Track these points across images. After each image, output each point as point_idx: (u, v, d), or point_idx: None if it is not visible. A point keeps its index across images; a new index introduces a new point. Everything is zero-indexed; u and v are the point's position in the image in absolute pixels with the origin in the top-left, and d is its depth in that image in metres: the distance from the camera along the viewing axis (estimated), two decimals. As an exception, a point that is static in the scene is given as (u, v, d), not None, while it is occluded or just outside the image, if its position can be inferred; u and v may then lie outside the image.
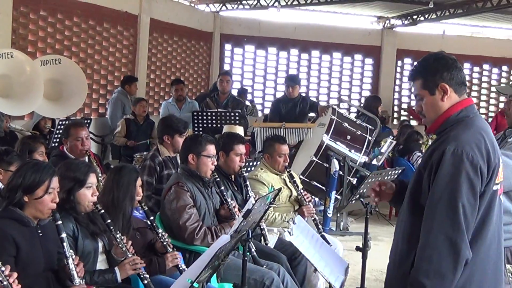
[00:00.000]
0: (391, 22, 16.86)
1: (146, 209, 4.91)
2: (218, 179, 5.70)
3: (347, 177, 7.16)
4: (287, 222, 6.10)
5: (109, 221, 4.38)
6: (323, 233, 6.14)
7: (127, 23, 12.84)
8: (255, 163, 7.18)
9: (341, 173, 7.13)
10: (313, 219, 6.39)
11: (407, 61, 17.52)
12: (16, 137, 8.60)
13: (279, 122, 9.24)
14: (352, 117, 8.81)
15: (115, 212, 4.61)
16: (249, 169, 6.91)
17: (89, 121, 9.26)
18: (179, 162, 5.98)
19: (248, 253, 4.20)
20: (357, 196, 6.40)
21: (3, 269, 3.27)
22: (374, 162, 9.02)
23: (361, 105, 13.46)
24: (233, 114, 9.06)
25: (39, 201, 3.83)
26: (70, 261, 3.79)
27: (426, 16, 15.56)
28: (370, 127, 8.06)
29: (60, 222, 3.86)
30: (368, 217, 6.07)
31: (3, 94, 8.48)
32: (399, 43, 17.26)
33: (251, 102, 15.02)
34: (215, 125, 8.87)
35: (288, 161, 6.71)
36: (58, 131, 8.14)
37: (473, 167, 2.98)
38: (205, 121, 9.05)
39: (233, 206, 5.60)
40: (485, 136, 3.09)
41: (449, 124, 3.16)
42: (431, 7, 14.10)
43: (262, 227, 5.89)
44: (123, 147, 10.47)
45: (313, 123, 9.09)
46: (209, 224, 5.42)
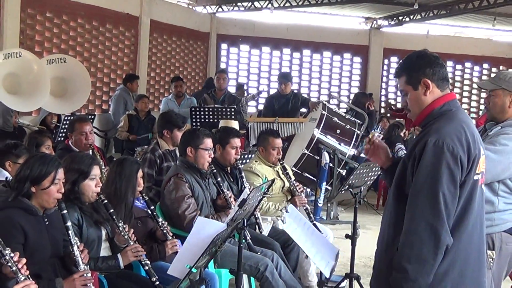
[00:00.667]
0: (378, 22, 16.86)
1: (147, 199, 4.92)
2: (215, 170, 5.70)
3: (337, 169, 7.16)
4: (280, 211, 6.10)
5: (112, 210, 4.39)
6: (314, 222, 6.13)
7: (129, 24, 12.88)
8: (250, 156, 7.18)
9: (331, 165, 7.13)
10: (304, 208, 6.39)
11: (393, 59, 17.53)
12: (24, 132, 8.60)
13: (273, 117, 9.24)
14: (341, 112, 8.80)
15: (118, 202, 4.61)
16: (244, 161, 6.91)
17: (93, 117, 9.28)
18: (178, 155, 5.97)
19: (243, 241, 4.17)
20: (347, 186, 6.39)
21: (12, 255, 3.26)
22: (362, 155, 9.03)
23: (350, 101, 13.48)
24: (229, 109, 9.05)
25: (46, 192, 3.82)
26: (75, 248, 3.79)
27: (411, 17, 15.56)
28: (358, 121, 8.05)
29: (65, 211, 3.86)
30: (357, 206, 6.07)
31: (12, 91, 8.48)
32: (386, 42, 17.28)
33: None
34: (212, 120, 8.86)
35: (281, 154, 6.70)
36: (63, 126, 8.13)
37: (454, 157, 2.98)
38: (202, 116, 9.04)
39: (229, 196, 5.61)
40: (466, 128, 3.09)
41: (432, 117, 3.16)
42: (416, 8, 14.10)
43: (256, 216, 5.88)
44: (125, 141, 10.45)
45: (305, 118, 9.08)
46: (207, 213, 5.42)
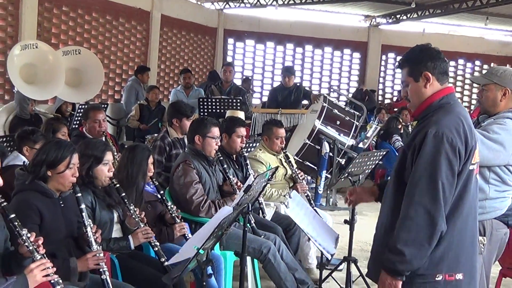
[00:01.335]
0: (377, 20, 16.82)
1: (157, 184, 4.89)
2: (221, 158, 5.69)
3: (336, 158, 7.14)
4: (284, 196, 6.09)
5: (123, 194, 4.36)
6: (315, 208, 6.12)
7: (140, 18, 12.85)
8: (254, 144, 7.16)
9: (331, 154, 7.11)
10: (305, 195, 6.37)
11: (391, 55, 17.57)
12: (40, 119, 8.57)
13: (276, 108, 9.23)
14: (341, 104, 8.77)
15: (129, 186, 4.59)
16: (249, 149, 6.88)
17: (106, 106, 9.27)
18: (186, 142, 5.95)
19: (248, 224, 4.16)
20: (346, 174, 6.38)
21: (29, 235, 3.25)
22: (360, 145, 9.00)
23: (350, 94, 13.46)
24: (235, 100, 9.02)
25: (61, 175, 3.80)
26: (88, 229, 3.77)
27: (408, 15, 15.55)
28: (357, 113, 8.03)
29: (79, 194, 3.84)
30: (355, 193, 6.04)
31: (28, 80, 8.47)
32: (384, 39, 17.25)
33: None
34: (219, 110, 8.84)
35: (284, 143, 6.70)
36: (78, 114, 8.12)
37: (452, 148, 2.96)
38: (210, 107, 9.01)
39: (234, 182, 5.60)
40: (463, 121, 3.07)
41: (431, 109, 3.14)
42: (413, 7, 14.18)
43: (260, 201, 5.88)
44: (136, 129, 10.45)
45: (307, 110, 9.07)
46: (213, 198, 5.41)
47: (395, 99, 17.41)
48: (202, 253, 3.43)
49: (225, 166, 5.69)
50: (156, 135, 7.66)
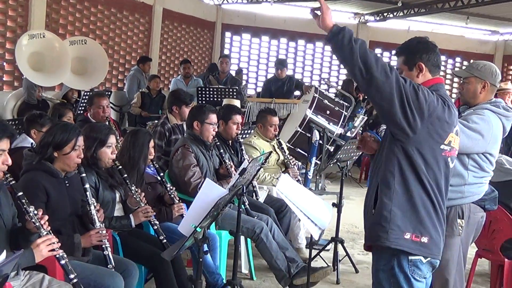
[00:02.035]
0: (365, 18, 16.75)
1: (157, 166, 4.88)
2: (218, 143, 5.67)
3: (326, 145, 7.09)
4: (277, 179, 6.08)
5: (125, 175, 4.35)
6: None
7: (143, 12, 12.80)
8: (249, 131, 7.13)
9: (320, 142, 7.06)
10: (296, 180, 6.36)
11: (378, 51, 17.38)
12: (47, 105, 8.54)
13: (270, 98, 9.22)
14: (331, 95, 8.72)
15: (131, 168, 4.56)
16: (244, 136, 6.86)
17: (109, 93, 9.21)
18: (185, 128, 5.92)
19: (242, 206, 4.14)
20: (334, 160, 6.36)
21: (36, 212, 3.23)
22: (348, 134, 8.96)
23: (339, 86, 13.43)
24: (231, 89, 9.00)
25: (67, 157, 3.77)
26: (92, 208, 3.76)
27: (394, 13, 15.51)
28: (346, 104, 7.97)
29: (84, 174, 3.82)
30: (343, 178, 6.06)
31: (36, 68, 8.45)
32: (371, 35, 17.17)
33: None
34: (216, 99, 8.80)
35: (277, 130, 6.71)
36: (83, 100, 8.09)
37: (425, 91, 2.98)
38: (208, 95, 8.98)
39: (230, 166, 5.59)
40: (446, 101, 3.08)
41: None
42: (399, 6, 14.18)
43: (254, 184, 5.89)
44: (138, 116, 10.46)
45: (299, 100, 9.04)
46: (210, 180, 5.38)
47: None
48: (199, 231, 3.42)
49: (222, 151, 5.67)
50: (156, 121, 7.63)
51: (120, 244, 4.29)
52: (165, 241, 4.31)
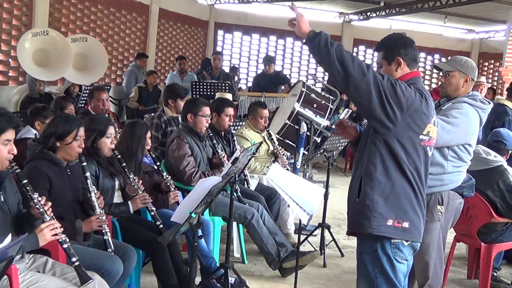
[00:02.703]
0: (350, 17, 16.75)
1: (154, 156, 4.86)
2: (211, 134, 5.64)
3: (313, 137, 7.08)
4: (267, 167, 6.07)
5: (124, 164, 4.33)
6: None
7: (140, 11, 12.80)
8: (240, 123, 7.11)
9: (308, 133, 7.05)
10: (286, 169, 6.34)
11: (361, 48, 17.57)
12: (51, 98, 8.49)
13: (260, 92, 9.21)
14: (318, 89, 8.71)
15: (129, 157, 4.53)
16: (236, 127, 6.84)
17: (109, 87, 9.19)
18: (180, 120, 5.89)
19: (234, 193, 4.13)
20: (321, 151, 6.36)
21: (39, 199, 3.21)
22: (333, 126, 8.96)
23: (325, 81, 13.42)
24: (223, 84, 8.99)
25: (68, 146, 3.74)
26: (92, 195, 3.73)
27: (377, 13, 15.51)
28: (332, 98, 7.96)
29: (85, 163, 3.80)
30: (329, 168, 6.05)
31: (39, 64, 8.42)
32: (355, 34, 17.19)
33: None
34: (209, 93, 8.79)
35: (267, 122, 6.69)
36: (84, 94, 8.07)
37: (402, 86, 2.95)
38: (201, 90, 8.96)
39: (222, 156, 5.57)
40: (423, 94, 3.05)
41: None
42: (382, 6, 14.19)
43: (245, 173, 5.88)
44: (135, 109, 10.45)
45: (287, 94, 9.04)
46: (203, 170, 5.37)
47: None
48: (194, 217, 3.40)
49: (214, 141, 5.64)
50: (153, 114, 7.61)
51: (119, 229, 4.27)
52: (161, 226, 4.29)
